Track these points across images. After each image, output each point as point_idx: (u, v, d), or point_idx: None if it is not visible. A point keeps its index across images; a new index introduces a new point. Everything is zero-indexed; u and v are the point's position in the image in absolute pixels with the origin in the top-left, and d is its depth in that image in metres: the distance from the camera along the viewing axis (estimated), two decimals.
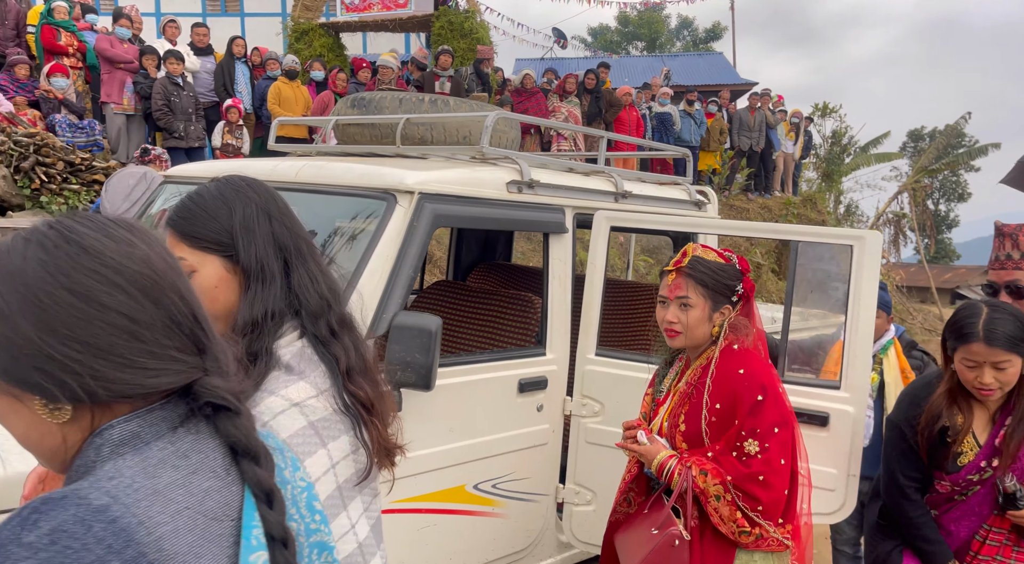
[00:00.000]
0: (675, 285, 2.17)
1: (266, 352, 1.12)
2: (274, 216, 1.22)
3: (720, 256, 2.19)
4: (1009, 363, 2.10)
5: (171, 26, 9.02)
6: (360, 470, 1.14)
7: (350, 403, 1.15)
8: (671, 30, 38.50)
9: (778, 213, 12.95)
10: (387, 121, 3.25)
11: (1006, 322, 2.09)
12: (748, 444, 2.01)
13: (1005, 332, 2.08)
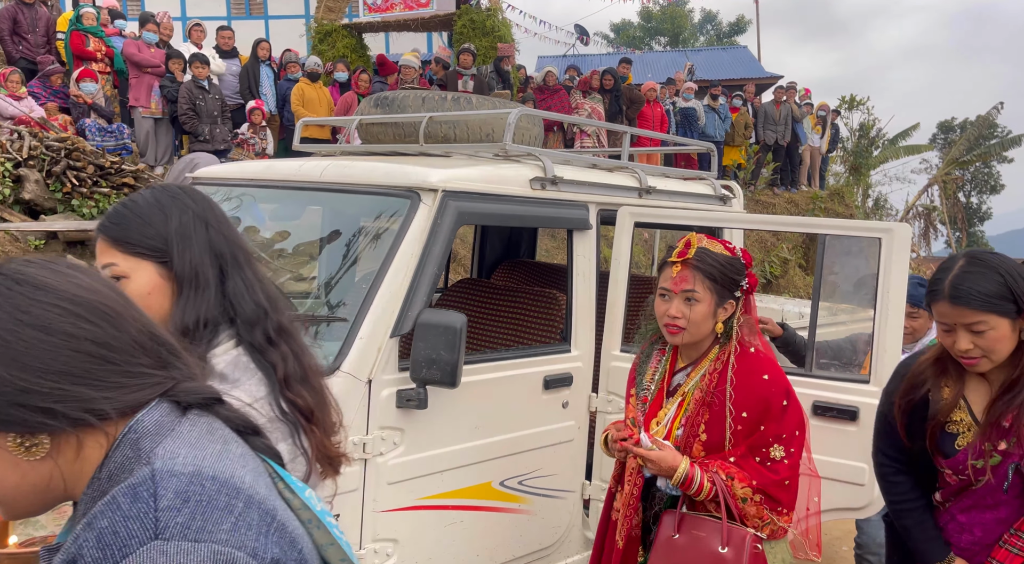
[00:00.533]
0: (680, 278, 2.06)
1: (199, 360, 1.10)
2: (211, 224, 1.21)
3: (726, 248, 2.11)
4: (984, 324, 1.75)
5: (196, 30, 9.14)
6: (298, 478, 1.12)
7: (288, 410, 1.12)
8: (694, 24, 38.19)
9: (805, 207, 12.80)
10: (410, 120, 3.26)
11: (979, 277, 1.75)
12: (774, 450, 2.01)
13: (975, 288, 1.75)
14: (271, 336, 1.17)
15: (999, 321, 1.75)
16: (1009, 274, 1.76)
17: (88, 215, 6.59)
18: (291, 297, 3.12)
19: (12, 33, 8.06)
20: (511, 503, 2.82)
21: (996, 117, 20.69)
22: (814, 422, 2.67)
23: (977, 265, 1.78)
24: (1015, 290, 1.74)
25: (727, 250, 2.10)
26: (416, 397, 2.36)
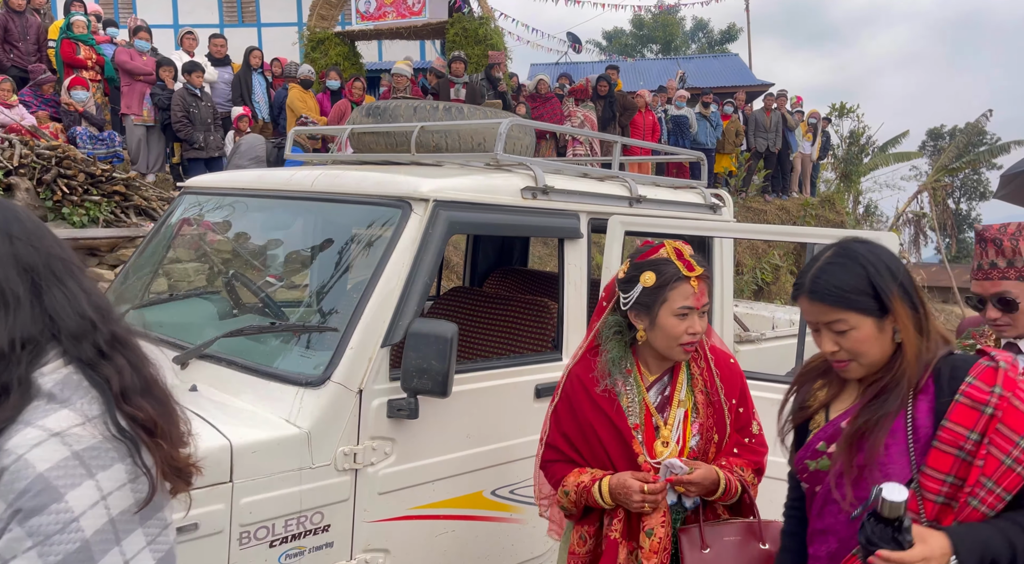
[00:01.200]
0: (701, 292, 2.03)
1: (18, 382, 1.04)
2: (16, 236, 1.12)
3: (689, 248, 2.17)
4: (843, 323, 1.53)
5: (189, 38, 9.14)
6: (140, 499, 1.05)
7: (127, 426, 1.06)
8: (686, 32, 38.40)
9: (796, 214, 12.86)
10: (402, 129, 3.27)
11: (839, 269, 1.54)
12: (753, 426, 2.15)
13: (832, 282, 1.53)
14: (103, 349, 1.10)
15: (860, 320, 1.52)
16: (874, 266, 1.53)
17: (78, 223, 6.57)
18: (283, 306, 3.13)
19: (3, 41, 8.05)
20: (503, 512, 2.81)
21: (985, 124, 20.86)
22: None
23: (841, 256, 1.56)
24: (878, 285, 1.51)
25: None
26: (407, 407, 2.36)
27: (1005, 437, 1.44)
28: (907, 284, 1.54)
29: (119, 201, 6.95)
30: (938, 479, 1.48)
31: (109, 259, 6.61)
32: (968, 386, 1.47)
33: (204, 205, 3.38)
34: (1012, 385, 1.48)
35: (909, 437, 1.50)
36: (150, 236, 3.42)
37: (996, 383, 1.46)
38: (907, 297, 1.53)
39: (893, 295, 1.51)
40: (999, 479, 1.44)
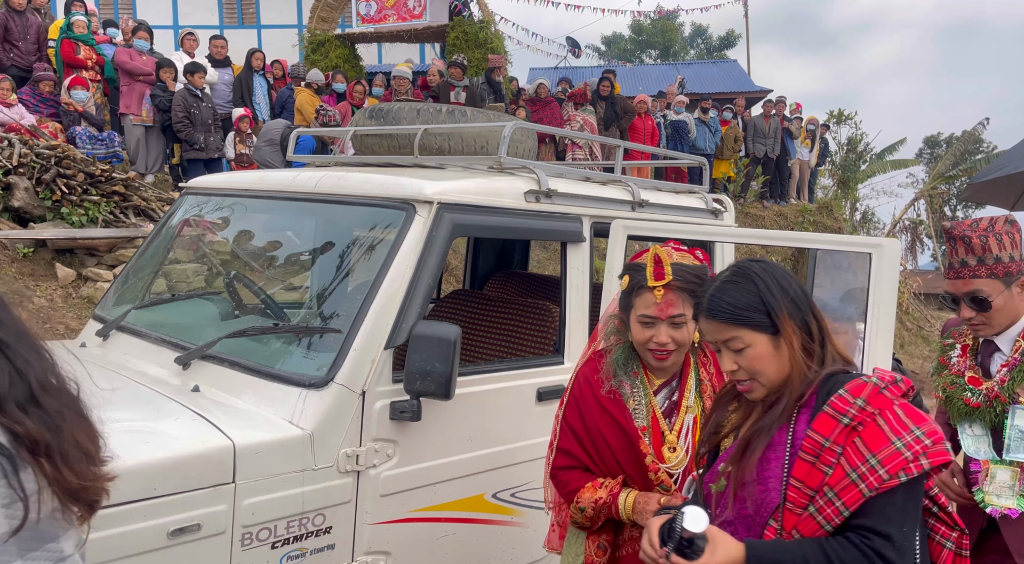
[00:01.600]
0: (667, 303, 1.92)
1: None
2: None
3: (693, 255, 1.99)
4: (739, 340, 1.53)
5: (189, 39, 9.14)
6: (14, 526, 0.94)
7: (5, 443, 0.95)
8: (685, 38, 38.51)
9: (794, 220, 12.89)
10: (405, 132, 3.27)
11: (734, 288, 1.54)
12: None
13: (725, 300, 1.54)
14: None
15: (754, 337, 1.52)
16: (765, 284, 1.53)
17: (77, 223, 6.56)
18: (285, 307, 3.12)
19: (3, 40, 8.04)
20: (504, 516, 2.81)
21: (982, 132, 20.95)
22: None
23: (736, 276, 1.57)
24: (767, 301, 1.52)
25: (695, 258, 1.98)
26: (410, 409, 2.36)
27: (859, 451, 1.42)
28: (800, 302, 1.54)
29: (118, 201, 6.94)
30: (796, 488, 1.47)
31: (108, 259, 6.60)
32: (836, 397, 1.47)
33: (206, 206, 3.37)
34: (883, 403, 1.45)
35: (787, 450, 1.50)
36: (151, 237, 3.42)
37: (861, 396, 1.45)
38: (798, 314, 1.53)
39: (782, 312, 1.52)
40: (841, 492, 1.42)
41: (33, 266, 6.32)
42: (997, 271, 2.19)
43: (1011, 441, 2.17)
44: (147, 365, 2.67)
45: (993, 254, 2.18)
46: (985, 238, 2.19)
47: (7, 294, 5.76)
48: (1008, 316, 2.23)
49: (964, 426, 2.30)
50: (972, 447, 2.28)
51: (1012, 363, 2.22)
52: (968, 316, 2.24)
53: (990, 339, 2.27)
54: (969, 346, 2.37)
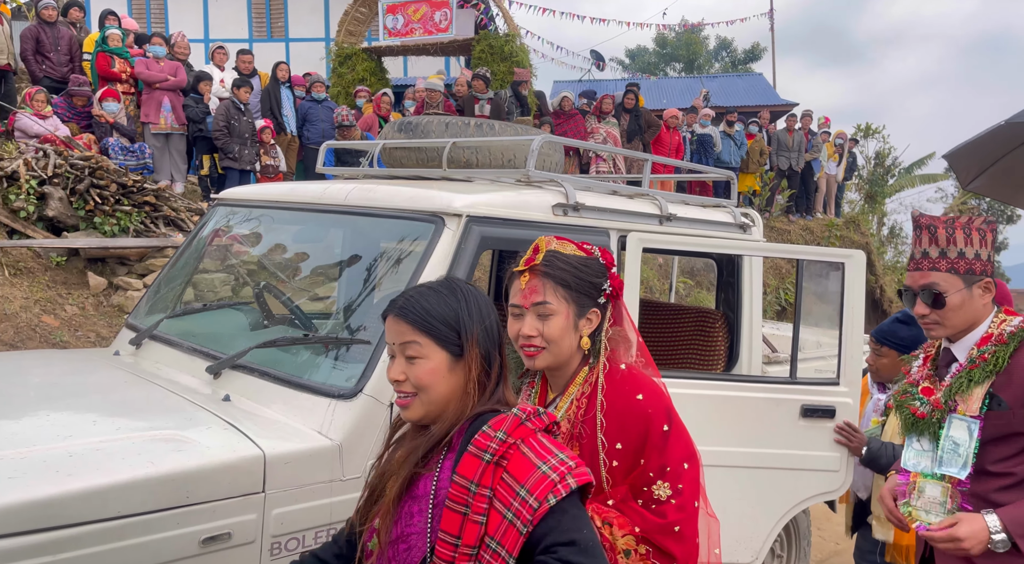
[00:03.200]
0: (530, 289, 1.73)
1: None
2: None
3: (580, 248, 1.81)
4: (417, 347, 1.42)
5: (219, 52, 9.31)
6: None
7: None
8: (709, 51, 38.45)
9: (820, 235, 12.77)
10: (434, 145, 3.30)
11: (435, 296, 1.44)
12: (657, 487, 1.68)
13: (423, 304, 1.43)
14: None
15: (435, 350, 1.40)
16: (467, 304, 1.44)
17: (109, 232, 6.67)
18: (314, 318, 3.15)
19: (35, 52, 8.22)
20: None
21: None
22: (803, 423, 3.07)
23: (442, 286, 1.47)
24: (463, 321, 1.42)
25: (581, 250, 1.80)
26: None
27: (508, 487, 1.31)
28: (491, 334, 1.46)
29: (149, 211, 7.05)
30: (448, 543, 1.32)
31: (138, 268, 6.70)
32: (479, 434, 1.35)
33: (237, 217, 3.42)
34: (524, 433, 1.36)
35: (431, 501, 1.36)
36: (183, 247, 3.47)
37: (502, 429, 1.35)
38: (485, 344, 1.44)
39: (472, 337, 1.42)
40: (503, 538, 1.29)
41: (66, 274, 6.44)
42: (958, 266, 1.97)
43: (944, 453, 1.98)
44: (179, 374, 2.70)
45: (957, 248, 1.96)
46: (952, 230, 1.97)
47: (42, 302, 5.87)
48: (964, 318, 1.99)
49: (911, 439, 2.09)
50: (912, 461, 2.06)
51: (958, 371, 2.01)
52: (921, 312, 2.01)
53: (949, 347, 2.07)
54: (931, 356, 2.17)
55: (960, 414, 1.96)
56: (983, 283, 1.99)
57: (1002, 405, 1.91)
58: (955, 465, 1.96)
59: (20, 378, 2.69)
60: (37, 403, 2.37)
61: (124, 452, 1.94)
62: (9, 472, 1.76)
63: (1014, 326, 1.96)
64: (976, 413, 1.94)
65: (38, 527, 1.69)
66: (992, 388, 1.93)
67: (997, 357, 1.93)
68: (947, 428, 1.99)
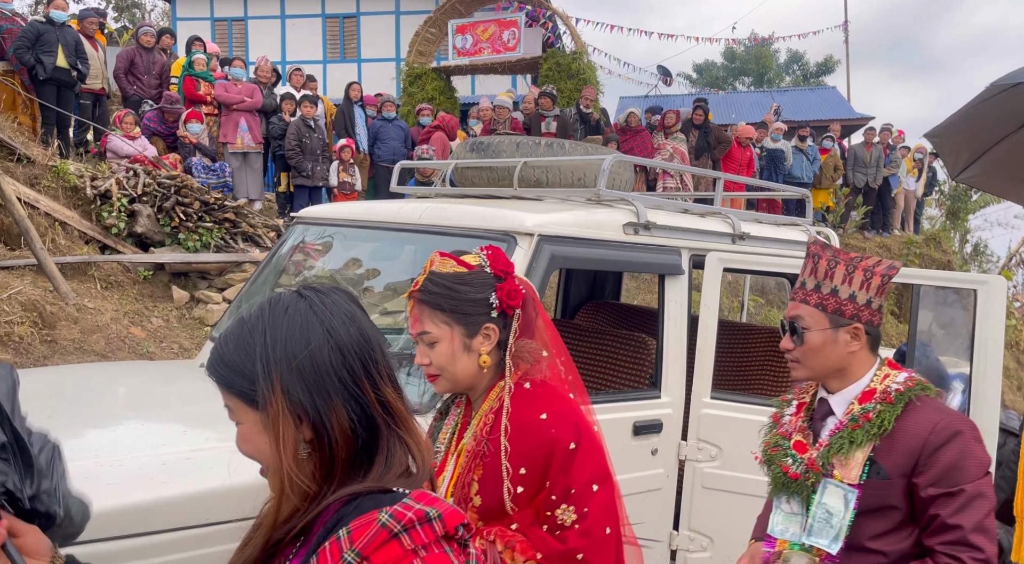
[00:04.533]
0: (413, 318, 1.62)
1: None
2: None
3: (459, 263, 1.62)
4: (232, 413, 1.05)
5: (297, 74, 9.66)
6: None
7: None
8: (780, 65, 37.74)
9: (898, 253, 12.33)
10: (505, 164, 3.35)
11: (236, 338, 1.04)
12: (562, 512, 1.54)
13: (225, 353, 1.04)
14: None
15: (244, 411, 1.03)
16: (265, 338, 1.01)
17: (192, 248, 6.98)
18: (387, 333, 3.22)
19: (127, 73, 8.71)
20: None
21: None
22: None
23: (242, 322, 1.06)
24: (259, 365, 1.00)
25: (462, 265, 1.61)
26: None
27: None
28: (321, 371, 0.99)
29: (228, 228, 7.35)
30: None
31: (218, 282, 6.98)
32: (331, 541, 0.94)
33: (313, 234, 3.54)
34: (388, 559, 0.91)
35: None
36: (264, 264, 3.61)
37: (358, 544, 0.92)
38: (299, 390, 0.98)
39: (271, 382, 0.98)
40: None
41: (152, 288, 6.76)
42: (827, 305, 1.79)
43: (815, 521, 1.75)
44: None
45: (832, 284, 1.79)
46: (835, 264, 1.80)
47: (131, 314, 6.18)
48: (824, 363, 1.80)
49: (780, 500, 1.85)
50: (780, 526, 1.83)
51: (837, 428, 1.78)
52: (785, 347, 1.84)
53: (825, 398, 1.85)
54: (806, 404, 1.93)
55: (837, 480, 1.74)
56: (851, 329, 1.77)
57: (882, 473, 1.70)
58: (826, 536, 1.74)
59: (114, 388, 2.84)
60: (131, 413, 2.50)
61: (212, 462, 2.03)
62: (108, 479, 1.86)
63: (900, 383, 1.76)
64: (855, 481, 1.71)
65: (135, 532, 1.78)
66: (873, 453, 1.71)
67: (882, 418, 1.71)
68: (820, 493, 1.76)
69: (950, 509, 1.63)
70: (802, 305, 1.81)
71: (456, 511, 0.97)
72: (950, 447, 1.65)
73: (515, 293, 1.62)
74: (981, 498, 1.64)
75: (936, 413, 1.71)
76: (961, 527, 1.62)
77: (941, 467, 1.64)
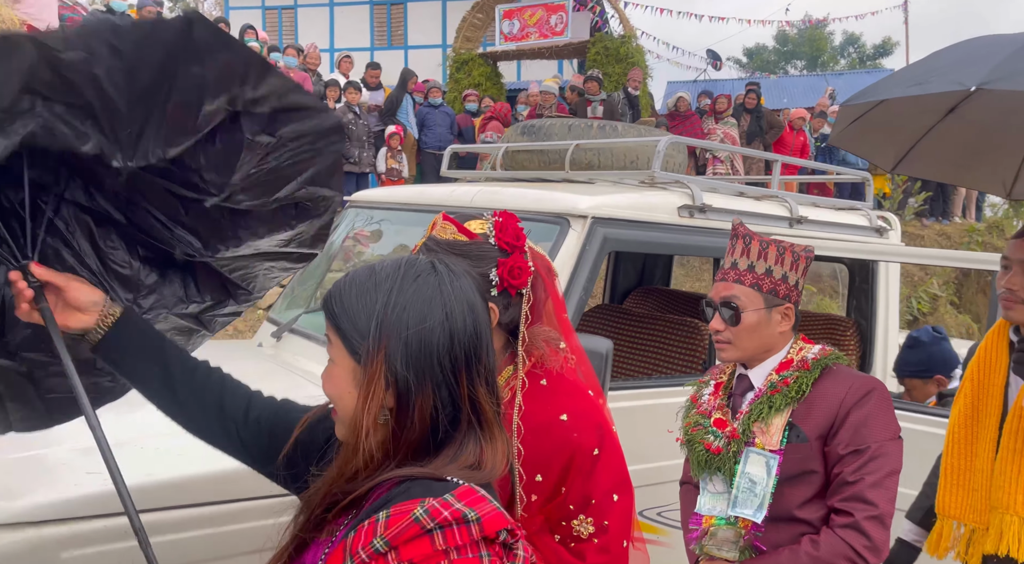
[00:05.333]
0: None
1: None
2: None
3: (461, 229, 1.43)
4: (331, 347, 1.05)
5: (346, 61, 9.75)
6: None
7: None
8: (835, 47, 36.70)
9: (958, 241, 11.92)
10: (557, 147, 3.33)
11: (361, 287, 1.02)
12: (579, 523, 1.40)
13: (345, 294, 1.02)
14: None
15: (342, 354, 1.01)
16: (388, 301, 0.99)
17: None
18: None
19: None
20: (650, 534, 2.77)
21: None
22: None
23: (381, 271, 1.04)
24: (378, 322, 0.98)
25: (464, 233, 1.43)
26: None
27: None
28: (429, 351, 0.96)
29: None
30: None
31: None
32: (369, 522, 0.90)
33: (362, 218, 3.58)
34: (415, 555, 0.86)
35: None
36: None
37: (387, 533, 0.88)
38: (404, 365, 0.96)
39: (376, 346, 0.96)
40: None
41: None
42: (763, 284, 1.79)
43: (739, 491, 1.75)
44: (315, 365, 2.85)
45: (767, 264, 1.79)
46: (767, 245, 1.81)
47: None
48: (757, 342, 1.80)
49: (705, 479, 1.84)
50: (707, 505, 1.82)
51: (756, 396, 1.80)
52: (716, 328, 1.81)
53: (744, 374, 1.85)
54: (723, 383, 1.94)
55: (759, 447, 1.74)
56: (783, 308, 1.80)
57: (801, 436, 1.72)
58: (750, 506, 1.73)
59: None
60: None
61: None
62: (178, 451, 1.92)
63: (815, 353, 1.81)
64: (776, 446, 1.72)
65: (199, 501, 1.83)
66: (792, 418, 1.74)
67: (800, 382, 1.75)
68: (743, 463, 1.75)
69: (852, 466, 1.66)
70: (736, 285, 1.80)
71: (500, 514, 0.91)
72: (862, 407, 1.70)
73: (520, 270, 1.41)
74: (884, 458, 1.67)
75: (852, 376, 1.76)
76: (857, 482, 1.64)
77: (851, 426, 1.68)
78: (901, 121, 2.28)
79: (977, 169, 2.51)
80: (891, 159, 2.47)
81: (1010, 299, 1.93)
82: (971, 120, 2.20)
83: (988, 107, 2.13)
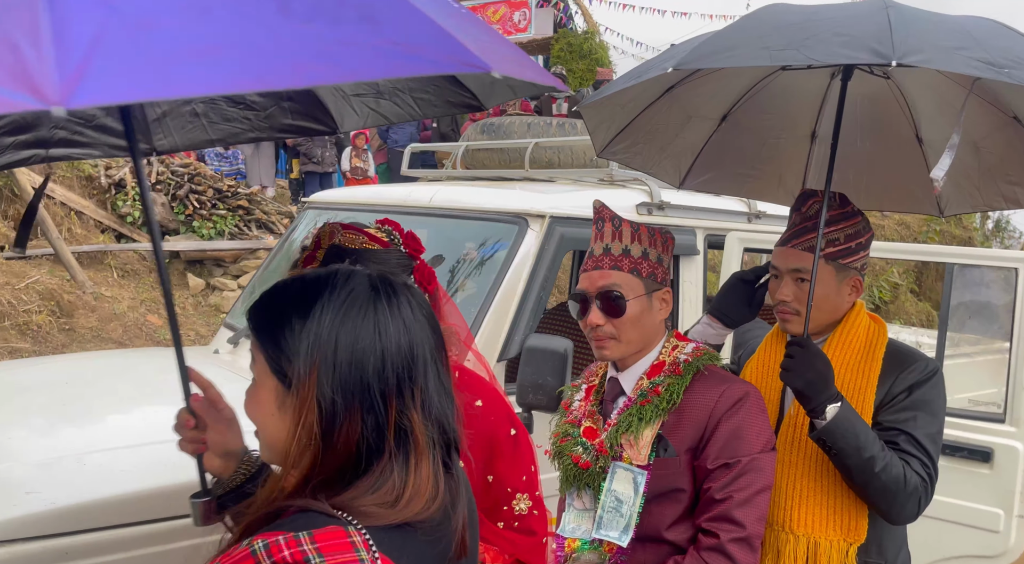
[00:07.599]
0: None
1: None
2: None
3: (372, 238, 1.42)
4: (253, 365, 1.03)
5: None
6: None
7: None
8: None
9: (918, 230, 12.16)
10: (516, 145, 3.31)
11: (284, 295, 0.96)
12: (517, 501, 1.48)
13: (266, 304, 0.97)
14: None
15: (265, 374, 0.97)
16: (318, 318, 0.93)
17: (206, 236, 7.01)
18: None
19: None
20: None
21: None
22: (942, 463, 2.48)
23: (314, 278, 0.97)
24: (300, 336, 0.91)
25: (375, 242, 1.43)
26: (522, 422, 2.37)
27: None
28: (361, 372, 0.88)
29: (242, 215, 7.37)
30: None
31: (232, 270, 7.01)
32: (261, 538, 0.82)
33: (324, 220, 3.53)
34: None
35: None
36: (276, 250, 3.60)
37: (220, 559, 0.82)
38: (333, 387, 0.87)
39: (304, 362, 0.88)
40: None
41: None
42: (641, 268, 1.58)
43: (604, 511, 1.56)
44: None
45: (642, 246, 1.59)
46: (637, 227, 1.62)
47: (148, 302, 6.22)
48: (640, 334, 1.60)
49: (572, 495, 1.65)
50: (571, 526, 1.63)
51: (626, 406, 1.61)
52: (596, 322, 1.57)
53: (614, 376, 1.66)
54: (595, 387, 1.74)
55: (626, 462, 1.55)
56: (663, 293, 1.61)
57: (668, 450, 1.53)
58: (615, 528, 1.54)
59: (131, 375, 2.85)
60: (147, 399, 2.50)
61: None
62: (123, 466, 1.86)
63: (688, 354, 1.60)
64: (644, 461, 1.53)
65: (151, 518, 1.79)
66: (661, 429, 1.55)
67: (671, 391, 1.55)
68: (610, 480, 1.57)
69: (720, 482, 1.49)
70: (614, 272, 1.57)
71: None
72: (732, 416, 1.52)
73: (431, 275, 1.46)
74: (754, 473, 1.49)
75: (723, 381, 1.57)
76: (726, 501, 1.47)
77: (721, 437, 1.51)
78: (627, 97, 1.86)
79: (761, 178, 2.27)
80: (602, 141, 2.07)
81: (785, 311, 1.71)
82: (746, 127, 2.01)
83: (755, 110, 1.96)
